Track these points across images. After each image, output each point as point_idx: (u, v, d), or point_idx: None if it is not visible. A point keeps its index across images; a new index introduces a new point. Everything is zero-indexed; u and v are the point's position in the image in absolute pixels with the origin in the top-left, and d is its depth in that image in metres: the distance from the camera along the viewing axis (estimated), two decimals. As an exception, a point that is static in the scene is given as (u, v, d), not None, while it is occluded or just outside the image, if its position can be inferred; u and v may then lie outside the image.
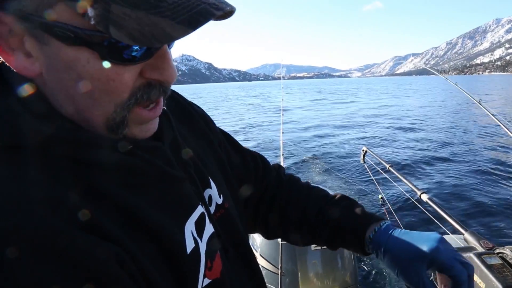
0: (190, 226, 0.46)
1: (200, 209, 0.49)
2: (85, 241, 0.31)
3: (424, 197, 1.89)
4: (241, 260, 0.57)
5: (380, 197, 2.99)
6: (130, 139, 0.41)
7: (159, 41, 0.32)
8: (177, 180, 0.47)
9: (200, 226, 0.48)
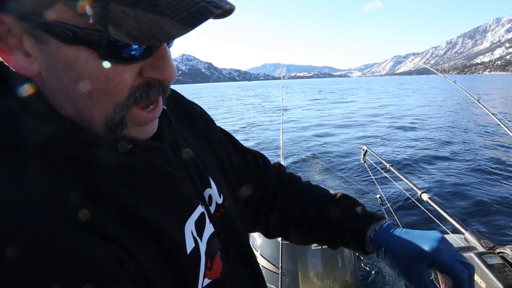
0: (190, 226, 0.46)
1: (200, 209, 0.49)
2: (85, 241, 0.31)
3: (425, 197, 1.89)
4: (241, 260, 0.57)
5: (378, 197, 2.99)
6: (130, 139, 0.41)
7: (158, 40, 0.32)
8: (177, 180, 0.47)
9: (200, 226, 0.48)
